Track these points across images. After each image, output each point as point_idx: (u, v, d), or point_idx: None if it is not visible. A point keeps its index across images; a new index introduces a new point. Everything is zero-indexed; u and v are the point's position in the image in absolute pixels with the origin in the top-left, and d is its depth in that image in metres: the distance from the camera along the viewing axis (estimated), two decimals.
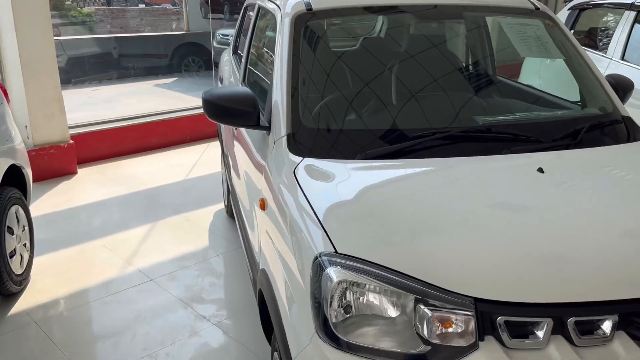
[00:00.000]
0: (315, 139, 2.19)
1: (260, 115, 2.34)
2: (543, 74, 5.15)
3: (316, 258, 1.62)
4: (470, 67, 3.21)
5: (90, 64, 9.87)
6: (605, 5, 5.43)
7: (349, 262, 1.56)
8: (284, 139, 2.19)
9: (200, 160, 5.89)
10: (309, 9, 2.55)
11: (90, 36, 11.19)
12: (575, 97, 2.70)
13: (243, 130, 2.91)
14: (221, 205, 4.69)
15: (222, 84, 4.29)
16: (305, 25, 2.52)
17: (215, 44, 9.40)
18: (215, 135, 6.22)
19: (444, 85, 2.49)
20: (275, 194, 2.06)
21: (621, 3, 5.11)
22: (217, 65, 8.50)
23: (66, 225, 4.33)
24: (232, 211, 4.15)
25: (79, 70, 9.53)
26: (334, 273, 1.56)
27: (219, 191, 4.88)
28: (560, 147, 2.19)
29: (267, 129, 2.37)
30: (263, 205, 2.20)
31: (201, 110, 2.12)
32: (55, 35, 5.36)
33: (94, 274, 3.62)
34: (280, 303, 1.88)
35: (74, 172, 5.38)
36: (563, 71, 4.36)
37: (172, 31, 12.17)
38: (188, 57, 10.68)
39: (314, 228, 1.73)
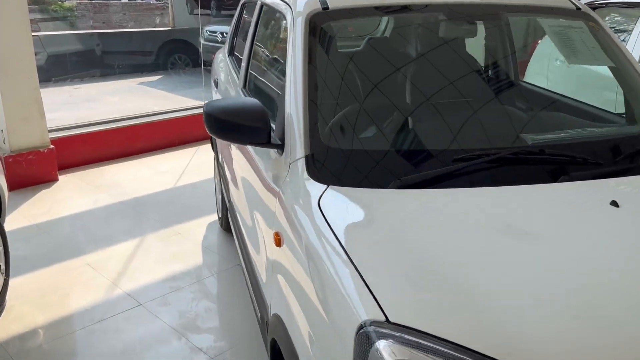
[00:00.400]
0: (341, 161, 1.84)
1: (271, 131, 2.00)
2: (550, 76, 4.87)
3: (361, 327, 1.28)
4: (504, 75, 2.86)
5: (72, 62, 9.43)
6: (620, 4, 5.14)
7: (406, 336, 1.23)
8: (302, 162, 1.85)
9: (189, 165, 5.55)
10: (325, 8, 2.22)
11: (72, 32, 10.73)
12: (610, 107, 2.41)
13: None
14: (214, 217, 4.35)
15: (217, 87, 3.94)
16: (321, 27, 2.19)
17: (202, 41, 9.05)
18: (205, 137, 5.87)
19: (484, 99, 2.17)
20: (295, 231, 1.72)
21: (637, 2, 4.83)
22: (205, 63, 8.17)
23: (46, 240, 3.97)
24: (227, 224, 3.81)
25: (60, 68, 9.09)
26: (386, 349, 1.22)
27: (212, 200, 4.54)
28: (622, 172, 1.88)
29: (280, 147, 2.03)
30: (278, 242, 1.85)
31: (190, 112, 1.84)
32: (34, 32, 4.99)
33: (77, 298, 3.28)
34: None
35: (55, 179, 5.01)
36: (588, 76, 4.06)
37: (156, 27, 11.75)
38: (174, 55, 10.28)
39: (353, 284, 1.39)
